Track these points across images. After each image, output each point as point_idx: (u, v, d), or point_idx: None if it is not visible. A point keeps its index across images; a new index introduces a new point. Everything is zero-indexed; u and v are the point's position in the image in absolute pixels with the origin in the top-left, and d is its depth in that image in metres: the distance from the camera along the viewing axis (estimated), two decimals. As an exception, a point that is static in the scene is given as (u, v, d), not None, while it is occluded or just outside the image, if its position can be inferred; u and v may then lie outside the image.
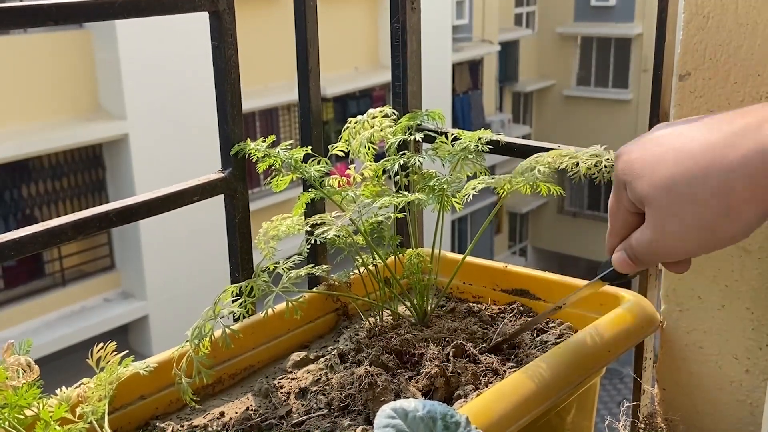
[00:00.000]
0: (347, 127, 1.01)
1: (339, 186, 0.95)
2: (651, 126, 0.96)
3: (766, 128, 0.58)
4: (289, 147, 0.94)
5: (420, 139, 1.02)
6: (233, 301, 0.80)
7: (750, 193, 0.58)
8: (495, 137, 0.97)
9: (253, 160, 0.95)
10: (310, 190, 0.94)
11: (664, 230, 0.63)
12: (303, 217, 0.93)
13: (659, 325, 0.94)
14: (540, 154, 0.87)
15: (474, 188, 0.90)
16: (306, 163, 0.93)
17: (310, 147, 0.98)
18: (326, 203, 1.02)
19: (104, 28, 8.80)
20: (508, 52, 17.39)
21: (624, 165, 0.66)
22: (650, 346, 1.02)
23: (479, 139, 0.94)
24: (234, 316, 0.79)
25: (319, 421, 0.76)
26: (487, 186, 0.90)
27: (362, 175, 0.99)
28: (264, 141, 0.94)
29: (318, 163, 0.93)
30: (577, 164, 0.82)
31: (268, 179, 0.94)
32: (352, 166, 0.99)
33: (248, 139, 0.97)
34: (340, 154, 0.99)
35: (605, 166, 0.81)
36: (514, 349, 0.86)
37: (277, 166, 0.92)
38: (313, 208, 1.01)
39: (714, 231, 0.61)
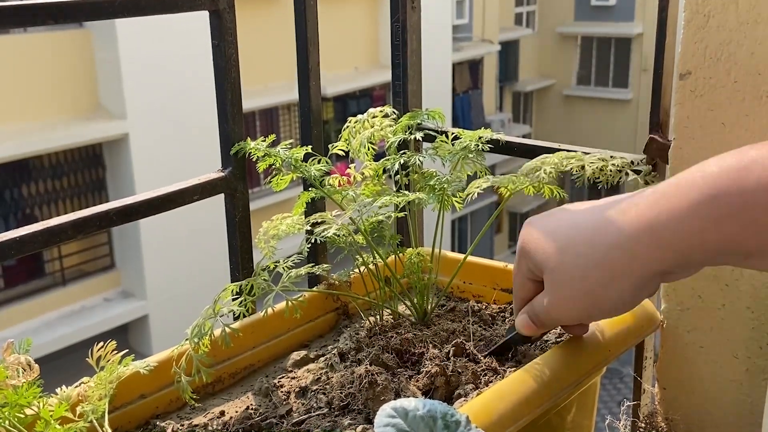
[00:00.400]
0: (347, 127, 1.01)
1: (339, 185, 0.95)
2: (651, 125, 0.96)
3: (637, 208, 0.63)
4: (289, 146, 0.94)
5: (420, 139, 1.02)
6: (233, 300, 0.80)
7: (626, 266, 0.63)
8: (495, 136, 0.97)
9: (254, 160, 0.95)
10: (310, 189, 0.94)
11: (557, 295, 0.69)
12: (303, 217, 0.93)
13: (659, 324, 0.94)
14: (546, 155, 0.87)
15: (479, 187, 0.90)
16: (306, 162, 0.93)
17: (310, 146, 0.98)
18: (326, 202, 1.02)
19: (104, 27, 8.80)
20: (508, 51, 17.40)
21: (526, 236, 0.72)
22: (650, 345, 1.02)
23: (479, 138, 0.94)
24: (234, 315, 0.79)
25: (319, 420, 0.76)
26: (489, 186, 0.90)
27: (362, 174, 0.99)
28: (264, 140, 0.94)
29: (318, 162, 0.93)
30: (583, 167, 0.82)
31: (269, 178, 0.94)
32: (352, 165, 0.99)
33: (248, 138, 0.97)
34: (341, 153, 0.99)
35: (610, 170, 0.81)
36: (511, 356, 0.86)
37: (278, 165, 0.92)
38: (314, 207, 1.01)
39: (596, 300, 0.66)
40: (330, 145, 0.99)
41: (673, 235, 0.60)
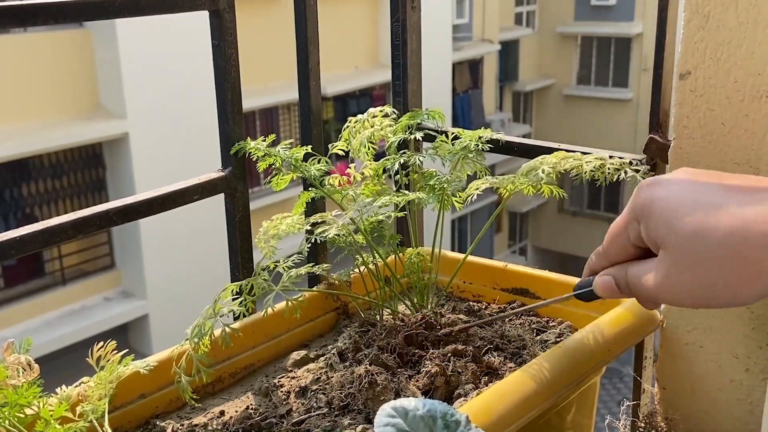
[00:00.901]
0: (347, 126, 1.01)
1: (339, 185, 0.95)
2: (651, 125, 0.96)
3: None
4: (289, 146, 0.94)
5: (420, 138, 1.02)
6: (233, 300, 0.80)
7: (764, 269, 0.58)
8: (495, 136, 0.97)
9: (253, 159, 0.95)
10: (310, 189, 0.94)
11: (676, 279, 0.62)
12: (303, 216, 0.93)
13: (659, 324, 0.94)
14: (544, 156, 0.87)
15: (477, 188, 0.90)
16: (306, 162, 0.93)
17: (310, 146, 0.98)
18: (326, 202, 1.02)
19: (104, 27, 8.80)
20: (509, 51, 17.38)
21: (645, 200, 0.64)
22: (650, 345, 1.02)
23: (479, 138, 0.94)
24: (234, 315, 0.79)
25: (319, 419, 0.76)
26: (490, 186, 0.90)
27: (362, 174, 0.99)
28: (264, 140, 0.94)
29: (318, 162, 0.93)
30: (581, 167, 0.82)
31: (269, 178, 0.94)
32: (352, 165, 0.99)
33: (248, 138, 0.97)
34: (340, 153, 0.99)
35: (608, 170, 0.81)
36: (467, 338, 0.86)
37: (277, 165, 0.92)
38: (314, 207, 1.01)
39: (716, 295, 0.61)
40: (330, 145, 0.99)
41: None
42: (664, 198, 0.63)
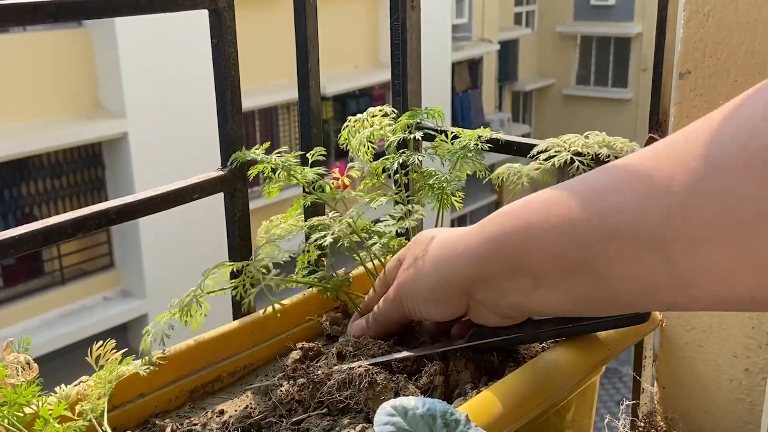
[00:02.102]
0: (347, 126, 1.01)
1: (332, 188, 0.95)
2: (651, 124, 0.96)
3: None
4: (284, 152, 0.94)
5: (420, 138, 1.02)
6: (231, 280, 0.80)
7: (450, 276, 0.73)
8: (494, 136, 0.97)
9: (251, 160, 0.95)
10: (306, 194, 0.94)
11: (404, 274, 0.80)
12: (303, 217, 0.93)
13: (659, 323, 0.94)
14: (510, 165, 0.89)
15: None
16: (303, 166, 0.93)
17: (306, 150, 0.97)
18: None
19: (104, 26, 8.80)
20: (508, 51, 17.40)
21: (411, 243, 0.81)
22: (650, 344, 1.03)
23: (479, 137, 0.94)
24: (232, 298, 0.79)
25: (318, 419, 0.76)
26: (487, 183, 0.90)
27: (350, 177, 0.98)
28: (258, 148, 0.94)
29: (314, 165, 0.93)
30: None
31: (263, 186, 0.94)
32: (352, 164, 0.99)
33: (243, 149, 0.97)
34: (321, 158, 0.98)
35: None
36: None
37: (267, 173, 0.92)
38: (313, 208, 1.01)
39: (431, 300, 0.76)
40: (308, 154, 0.98)
41: (474, 245, 0.70)
42: (418, 235, 0.81)
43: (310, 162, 0.95)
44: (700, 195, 0.52)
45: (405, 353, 0.81)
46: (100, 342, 0.73)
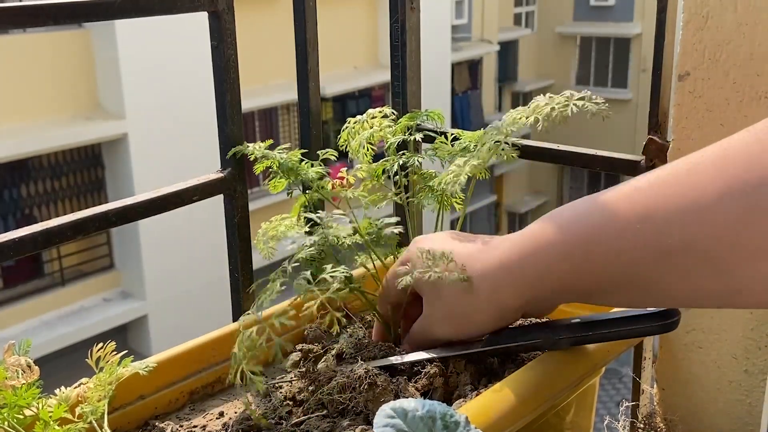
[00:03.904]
0: (346, 127, 1.01)
1: (333, 188, 0.95)
2: (650, 126, 0.96)
3: (501, 246, 0.71)
4: (287, 149, 0.94)
5: (419, 139, 1.02)
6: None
7: (490, 296, 0.71)
8: (495, 137, 0.96)
9: (251, 159, 0.95)
10: (307, 192, 0.94)
11: (430, 312, 0.76)
12: (302, 218, 0.93)
13: (658, 324, 0.94)
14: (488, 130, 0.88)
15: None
16: (303, 164, 0.93)
17: (308, 149, 0.98)
18: (326, 203, 1.02)
19: (104, 27, 8.80)
20: (508, 51, 17.40)
21: (411, 250, 0.78)
22: (649, 345, 1.03)
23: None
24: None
25: (318, 421, 0.76)
26: (487, 184, 0.90)
27: (356, 176, 0.98)
28: (262, 143, 0.94)
29: (314, 164, 0.93)
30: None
31: (266, 181, 0.94)
32: (344, 169, 0.99)
33: (245, 143, 0.97)
34: (341, 153, 0.99)
35: (575, 105, 0.82)
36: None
37: (274, 167, 0.92)
38: (313, 208, 1.01)
39: (461, 323, 0.74)
40: (319, 152, 0.99)
41: (522, 276, 0.68)
42: (424, 248, 0.75)
43: (320, 159, 0.95)
44: (753, 212, 0.54)
45: (417, 356, 0.80)
46: (101, 344, 0.73)
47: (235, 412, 0.82)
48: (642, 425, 1.02)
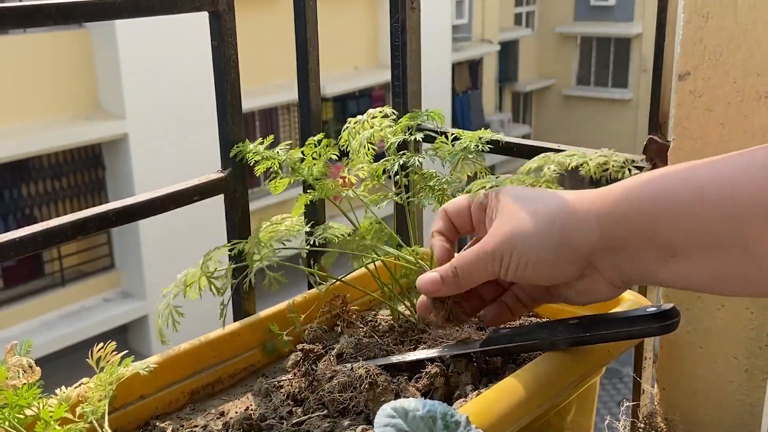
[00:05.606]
0: (347, 127, 1.01)
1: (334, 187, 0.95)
2: (651, 126, 0.97)
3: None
4: (288, 147, 0.94)
5: (420, 139, 1.02)
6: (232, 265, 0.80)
7: (566, 237, 0.67)
8: (495, 137, 0.97)
9: (251, 164, 0.95)
10: (309, 191, 0.94)
11: (497, 228, 0.72)
12: (303, 218, 0.93)
13: (659, 324, 0.94)
14: (546, 153, 0.88)
15: (483, 187, 0.90)
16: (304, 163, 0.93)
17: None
18: (326, 204, 1.02)
19: (104, 27, 8.79)
20: (508, 51, 17.39)
21: (495, 193, 0.76)
22: (650, 345, 1.03)
23: (479, 138, 0.94)
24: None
25: (319, 421, 0.76)
26: (494, 185, 0.90)
27: (357, 176, 0.98)
28: (263, 142, 0.94)
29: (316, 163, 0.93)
30: (586, 164, 0.83)
31: (268, 181, 0.94)
32: (345, 169, 0.99)
33: (246, 140, 0.97)
34: (334, 157, 0.99)
35: (613, 167, 0.81)
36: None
37: (275, 168, 0.92)
38: (313, 208, 1.01)
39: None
40: (325, 148, 0.99)
41: (600, 219, 0.66)
42: (506, 189, 0.74)
43: (322, 156, 0.95)
44: None
45: (416, 355, 0.80)
46: (101, 344, 0.73)
47: (236, 412, 0.82)
48: (642, 425, 1.02)
